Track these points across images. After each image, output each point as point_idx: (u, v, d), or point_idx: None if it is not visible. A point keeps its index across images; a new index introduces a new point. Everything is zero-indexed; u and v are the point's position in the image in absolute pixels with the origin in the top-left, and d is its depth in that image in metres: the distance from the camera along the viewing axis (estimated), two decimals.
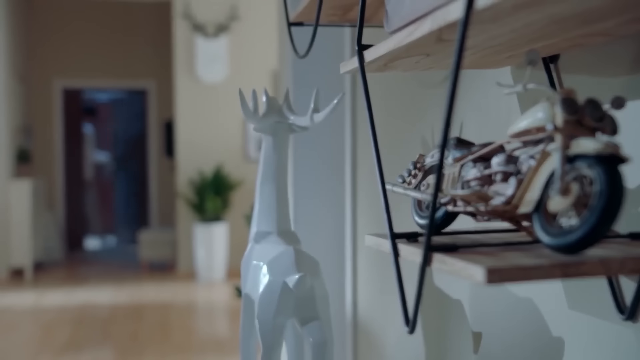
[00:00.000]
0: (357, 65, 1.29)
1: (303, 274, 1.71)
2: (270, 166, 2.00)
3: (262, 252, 1.92)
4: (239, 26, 10.04)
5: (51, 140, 11.85)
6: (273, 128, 1.97)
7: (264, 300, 1.76)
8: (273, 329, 1.75)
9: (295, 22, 2.03)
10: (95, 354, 6.49)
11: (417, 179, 1.25)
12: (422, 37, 1.01)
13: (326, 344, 1.73)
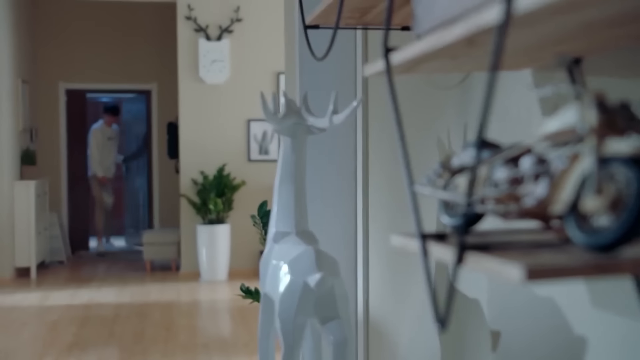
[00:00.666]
0: (383, 68, 1.30)
1: (324, 274, 1.73)
2: (289, 167, 2.01)
3: (282, 252, 1.94)
4: (241, 28, 10.06)
5: (55, 142, 11.87)
6: (292, 130, 1.99)
7: (285, 300, 1.77)
8: (294, 328, 1.76)
9: (311, 24, 2.04)
10: (100, 353, 6.51)
11: (444, 179, 1.27)
12: (454, 41, 1.02)
13: (347, 342, 1.75)
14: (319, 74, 3.67)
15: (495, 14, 0.88)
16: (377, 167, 2.58)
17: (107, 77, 12.07)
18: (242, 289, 4.71)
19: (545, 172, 1.03)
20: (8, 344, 6.85)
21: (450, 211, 1.26)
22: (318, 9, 1.89)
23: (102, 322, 7.65)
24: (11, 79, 10.01)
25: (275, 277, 1.90)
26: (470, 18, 0.97)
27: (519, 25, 0.92)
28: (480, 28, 0.94)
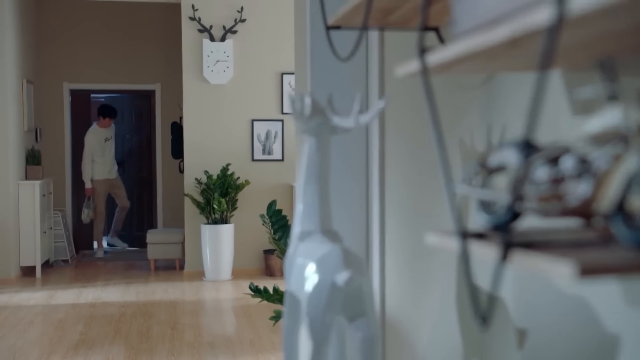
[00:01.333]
0: (418, 69, 1.31)
1: (353, 272, 1.74)
2: (314, 167, 2.03)
3: (307, 250, 1.95)
4: (245, 29, 10.08)
5: (60, 142, 11.89)
6: (317, 129, 2.00)
7: (313, 298, 1.78)
8: (323, 326, 1.78)
9: (333, 25, 2.05)
10: (107, 351, 6.53)
11: (481, 178, 1.28)
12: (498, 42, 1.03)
13: (375, 339, 1.76)
14: (330, 74, 3.68)
15: (547, 15, 0.89)
16: (395, 168, 2.60)
17: (111, 78, 12.08)
18: (251, 288, 4.75)
19: (587, 171, 1.04)
20: (16, 342, 6.87)
21: (488, 210, 1.27)
22: (342, 10, 1.90)
23: (108, 320, 7.67)
24: (16, 79, 10.03)
25: (301, 276, 1.92)
26: (516, 19, 0.97)
27: (569, 26, 0.92)
28: (528, 29, 0.94)
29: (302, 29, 4.15)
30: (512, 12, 1.06)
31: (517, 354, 1.71)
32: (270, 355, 6.43)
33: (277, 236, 4.69)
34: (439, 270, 2.23)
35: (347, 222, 3.72)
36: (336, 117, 1.93)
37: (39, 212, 9.92)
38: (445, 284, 2.16)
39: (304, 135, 2.05)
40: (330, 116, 1.96)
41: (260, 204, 10.10)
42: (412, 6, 1.71)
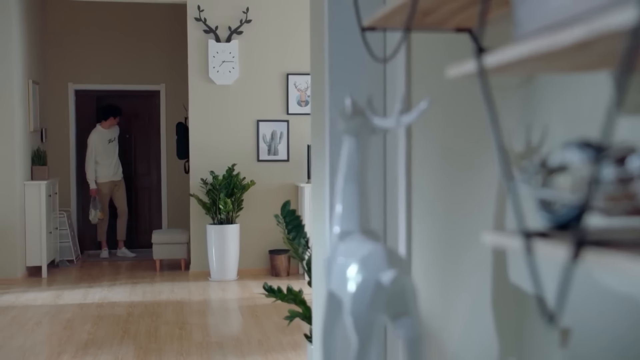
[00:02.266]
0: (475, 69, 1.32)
1: (398, 271, 1.76)
2: (353, 167, 2.05)
3: (349, 250, 1.96)
4: (250, 29, 10.10)
5: (65, 143, 11.90)
6: (357, 130, 2.02)
7: (357, 297, 1.80)
8: (367, 324, 1.80)
9: (368, 27, 2.07)
10: (116, 351, 6.54)
11: (541, 178, 1.30)
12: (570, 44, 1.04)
13: (419, 338, 1.78)
14: (349, 74, 3.71)
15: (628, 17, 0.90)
16: (423, 170, 2.61)
17: (115, 78, 12.10)
18: (265, 288, 4.77)
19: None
20: (25, 342, 6.88)
21: (548, 209, 1.29)
22: (380, 12, 1.92)
23: (116, 320, 7.69)
24: (22, 79, 10.04)
25: (343, 275, 1.93)
26: (590, 21, 0.98)
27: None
28: (605, 31, 0.95)
29: (318, 30, 4.16)
30: (583, 15, 1.07)
31: (559, 353, 1.72)
32: (279, 355, 6.45)
33: (291, 236, 4.71)
34: (469, 271, 2.25)
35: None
36: (377, 118, 1.94)
37: (44, 213, 9.94)
38: (477, 283, 2.18)
39: (343, 136, 2.06)
40: (371, 117, 1.98)
41: (266, 205, 10.14)
42: (452, 8, 1.73)
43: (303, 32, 10.13)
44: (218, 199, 9.70)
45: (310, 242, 4.74)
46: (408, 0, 1.68)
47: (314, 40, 4.30)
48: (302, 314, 4.60)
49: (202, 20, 9.96)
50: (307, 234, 4.75)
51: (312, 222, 4.31)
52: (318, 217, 4.14)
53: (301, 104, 10.21)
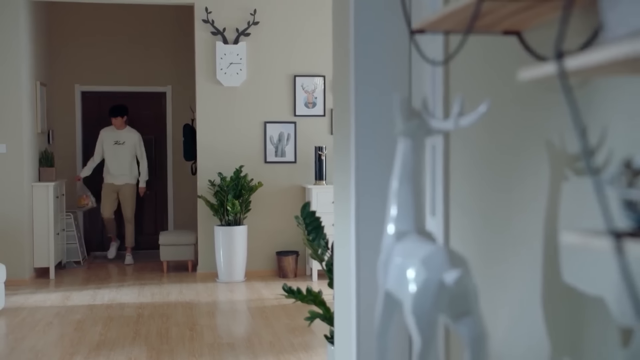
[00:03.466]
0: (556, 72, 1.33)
1: (462, 271, 1.78)
2: (409, 168, 2.07)
3: (407, 250, 1.98)
4: (258, 31, 10.13)
5: (71, 144, 11.93)
6: (414, 131, 2.05)
7: (420, 297, 1.82)
8: (430, 324, 1.82)
9: (417, 30, 2.09)
10: (128, 352, 6.56)
11: (625, 178, 1.31)
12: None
13: (484, 337, 1.80)
14: (374, 76, 3.73)
15: None
16: (461, 171, 2.63)
17: (122, 80, 12.13)
18: (285, 289, 4.80)
19: None
20: (37, 343, 6.90)
21: (634, 209, 1.30)
22: (433, 15, 1.94)
23: (127, 321, 7.71)
24: (30, 81, 10.07)
25: (402, 275, 1.95)
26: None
27: None
28: None
29: (342, 31, 4.19)
30: None
31: (621, 353, 1.72)
32: (291, 356, 6.47)
33: (311, 237, 4.74)
34: (514, 272, 2.26)
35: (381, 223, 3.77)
36: (435, 120, 1.97)
37: (52, 214, 9.96)
38: (524, 285, 2.19)
39: (398, 137, 2.09)
40: (428, 119, 2.01)
41: (273, 206, 10.17)
42: (508, 11, 1.76)
43: (310, 33, 10.17)
44: (226, 200, 9.73)
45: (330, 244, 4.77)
46: (465, 5, 1.71)
47: (336, 41, 4.32)
48: (323, 315, 4.63)
49: (210, 22, 9.99)
50: (327, 235, 4.78)
51: (335, 223, 4.34)
52: (342, 219, 4.16)
53: (308, 106, 10.24)
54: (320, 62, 10.25)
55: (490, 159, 2.40)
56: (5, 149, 9.60)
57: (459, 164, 2.62)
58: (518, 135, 2.21)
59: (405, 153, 2.07)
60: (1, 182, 9.62)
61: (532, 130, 2.12)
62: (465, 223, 2.58)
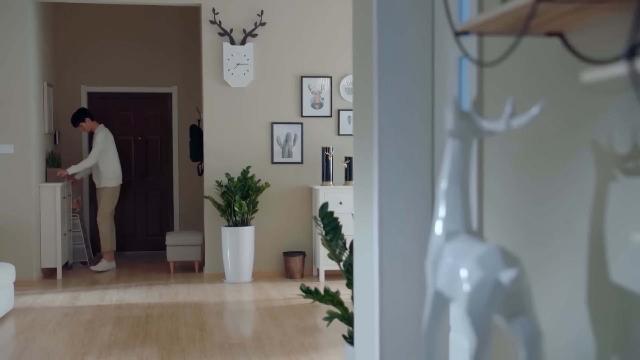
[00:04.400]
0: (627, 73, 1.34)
1: (519, 270, 1.80)
2: (458, 169, 2.09)
3: (458, 250, 1.99)
4: (265, 32, 10.15)
5: (77, 145, 11.94)
6: (463, 132, 2.06)
7: (475, 296, 1.83)
8: (485, 323, 1.83)
9: (462, 31, 2.11)
10: (140, 352, 6.57)
11: None
12: None
13: (539, 336, 1.81)
14: (397, 76, 3.75)
15: None
16: (492, 174, 2.64)
17: (128, 80, 12.15)
18: (303, 289, 4.81)
19: None
20: (48, 343, 6.91)
21: None
22: (481, 17, 1.96)
23: (136, 322, 7.72)
24: (38, 82, 10.08)
25: (454, 275, 1.97)
26: None
27: None
28: None
29: (363, 32, 4.20)
30: None
31: None
32: (302, 357, 6.49)
33: (329, 237, 4.76)
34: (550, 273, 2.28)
35: (412, 224, 3.78)
36: (486, 121, 1.98)
37: (59, 215, 9.97)
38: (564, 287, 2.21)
39: (447, 138, 2.11)
40: (478, 120, 2.02)
41: (280, 207, 10.19)
42: (561, 12, 1.77)
43: (317, 34, 10.19)
44: (233, 201, 9.74)
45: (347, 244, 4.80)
46: (517, 7, 1.73)
47: (357, 42, 4.34)
48: (341, 315, 4.65)
49: (217, 23, 10.00)
50: (344, 235, 4.80)
51: (355, 224, 4.35)
52: (363, 219, 4.18)
53: (315, 107, 10.26)
54: (327, 63, 10.27)
55: (527, 159, 2.41)
56: (13, 150, 9.61)
57: (493, 164, 2.63)
58: (558, 135, 2.22)
59: (454, 154, 2.09)
60: (9, 183, 9.63)
61: (573, 131, 2.14)
62: (499, 226, 2.60)
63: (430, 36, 3.72)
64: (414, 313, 3.77)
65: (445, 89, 3.60)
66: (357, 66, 4.33)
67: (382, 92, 3.72)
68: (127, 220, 12.47)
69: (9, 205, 9.63)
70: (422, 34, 3.71)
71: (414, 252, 3.78)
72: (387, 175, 3.74)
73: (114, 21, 12.08)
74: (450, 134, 2.09)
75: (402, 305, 3.77)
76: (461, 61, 3.08)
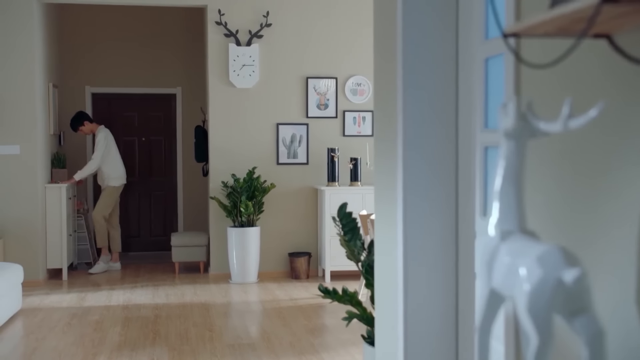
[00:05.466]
0: None
1: (581, 269, 1.82)
2: (512, 169, 2.11)
3: (516, 249, 2.01)
4: (270, 33, 10.18)
5: (82, 145, 11.94)
6: (519, 132, 2.08)
7: (536, 295, 1.85)
8: (547, 323, 1.85)
9: (511, 33, 2.12)
10: (150, 353, 6.59)
11: None
12: None
13: (602, 334, 1.83)
14: (421, 77, 3.77)
15: None
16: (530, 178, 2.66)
17: (132, 81, 12.16)
18: (321, 289, 4.83)
19: None
20: (58, 343, 6.93)
21: None
22: (534, 19, 1.97)
23: (145, 322, 7.74)
24: (43, 83, 10.08)
25: (512, 274, 1.98)
26: None
27: None
28: None
29: (385, 33, 4.22)
30: None
31: None
32: (313, 357, 6.51)
33: (347, 237, 4.78)
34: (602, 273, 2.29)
35: (436, 227, 3.80)
36: (543, 122, 2.00)
37: (65, 215, 9.97)
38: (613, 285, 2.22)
39: (502, 139, 2.13)
40: (535, 121, 2.04)
41: (286, 208, 10.21)
42: (617, 13, 1.78)
43: (322, 36, 10.22)
44: (239, 201, 9.76)
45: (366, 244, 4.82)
46: (575, 9, 1.75)
47: (379, 43, 4.36)
48: (360, 315, 4.67)
49: (223, 24, 10.02)
50: (362, 236, 4.82)
51: (377, 225, 4.38)
52: (385, 220, 4.20)
53: (320, 107, 10.29)
54: (332, 64, 10.30)
55: (568, 159, 2.43)
56: (19, 150, 9.62)
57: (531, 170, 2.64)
58: (602, 135, 2.24)
59: (508, 154, 2.11)
60: (15, 184, 9.63)
61: (617, 130, 2.16)
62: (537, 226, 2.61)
63: (455, 39, 3.75)
64: (439, 315, 3.79)
65: (469, 91, 3.62)
66: (378, 69, 4.35)
67: (406, 94, 3.75)
68: (131, 221, 12.47)
69: (15, 206, 9.63)
70: (446, 37, 3.73)
71: (438, 255, 3.80)
72: (411, 178, 3.76)
73: (117, 22, 12.10)
74: (505, 134, 2.11)
75: (426, 308, 3.79)
76: (487, 63, 3.11)
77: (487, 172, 3.11)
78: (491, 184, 3.06)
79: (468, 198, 3.61)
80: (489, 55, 3.08)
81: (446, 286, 3.78)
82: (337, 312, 8.23)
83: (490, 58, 3.09)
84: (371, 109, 10.40)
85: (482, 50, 3.12)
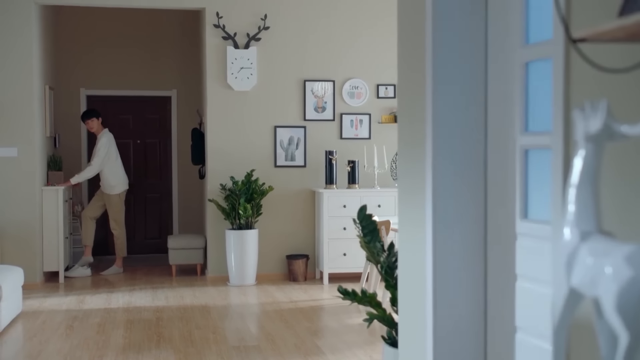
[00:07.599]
0: None
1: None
2: (589, 171, 2.14)
3: (597, 249, 2.04)
4: (268, 36, 10.19)
5: (77, 148, 11.91)
6: (596, 136, 2.12)
7: (626, 294, 1.88)
8: (637, 321, 1.89)
9: (580, 38, 2.16)
10: (156, 355, 6.59)
11: None
12: None
13: None
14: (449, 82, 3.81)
15: None
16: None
17: (127, 84, 12.14)
18: (340, 290, 4.86)
19: None
20: (62, 346, 6.91)
21: None
22: (606, 25, 2.00)
23: (147, 325, 7.73)
24: (40, 85, 10.04)
25: (597, 274, 2.02)
26: None
27: None
28: None
29: (409, 38, 4.25)
30: None
31: None
32: (319, 359, 6.52)
33: (367, 239, 4.81)
34: None
35: (465, 231, 3.84)
36: (624, 125, 2.04)
37: (62, 218, 9.93)
38: None
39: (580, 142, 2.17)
40: (615, 124, 2.07)
41: (283, 210, 10.23)
42: None
43: (321, 38, 10.25)
44: (238, 204, 9.76)
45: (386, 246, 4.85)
46: None
47: (403, 47, 4.39)
48: (380, 316, 4.70)
49: (221, 27, 10.03)
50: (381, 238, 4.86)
51: (400, 228, 4.41)
52: (409, 223, 4.23)
53: (318, 110, 10.32)
54: (330, 67, 10.34)
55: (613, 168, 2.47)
56: (17, 153, 9.57)
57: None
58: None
59: (587, 157, 2.14)
60: (13, 186, 9.59)
61: None
62: None
63: (484, 45, 3.79)
64: (467, 318, 3.82)
65: (501, 95, 3.66)
66: (403, 77, 4.38)
67: (436, 102, 3.78)
68: (127, 224, 12.40)
69: (13, 208, 9.58)
70: (475, 44, 3.77)
71: (466, 257, 3.83)
72: (441, 182, 3.79)
73: (113, 24, 12.07)
74: (586, 138, 2.14)
75: (455, 310, 3.82)
76: (528, 67, 3.15)
77: (528, 175, 3.14)
78: (533, 186, 3.10)
79: (501, 200, 3.65)
80: (529, 59, 3.12)
81: (475, 288, 3.81)
82: (338, 313, 8.26)
83: (530, 62, 3.13)
84: (368, 111, 10.46)
85: (522, 55, 3.16)
